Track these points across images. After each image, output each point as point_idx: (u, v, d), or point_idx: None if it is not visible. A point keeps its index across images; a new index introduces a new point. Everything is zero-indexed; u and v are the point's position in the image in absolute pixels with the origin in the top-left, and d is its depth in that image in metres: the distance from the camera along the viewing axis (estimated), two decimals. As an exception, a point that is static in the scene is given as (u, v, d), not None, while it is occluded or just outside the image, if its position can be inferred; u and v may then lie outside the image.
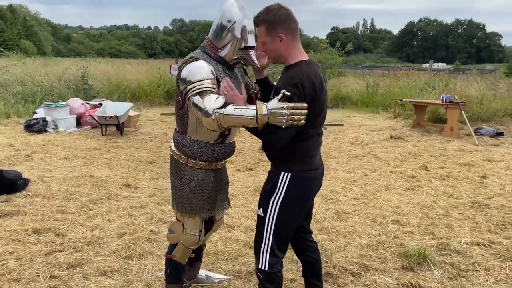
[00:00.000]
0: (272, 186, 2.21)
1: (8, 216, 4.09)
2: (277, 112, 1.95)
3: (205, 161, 2.40)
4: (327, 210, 4.43)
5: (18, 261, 3.23)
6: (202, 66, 2.20)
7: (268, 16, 2.15)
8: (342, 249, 3.53)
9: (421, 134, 8.99)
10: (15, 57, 17.73)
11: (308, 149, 2.22)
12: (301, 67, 2.14)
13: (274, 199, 2.20)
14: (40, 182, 5.13)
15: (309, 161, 2.24)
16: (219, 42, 2.34)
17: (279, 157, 2.22)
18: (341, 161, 6.56)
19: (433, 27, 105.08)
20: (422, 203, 4.68)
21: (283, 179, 2.18)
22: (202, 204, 2.46)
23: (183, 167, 2.42)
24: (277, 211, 2.20)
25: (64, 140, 7.72)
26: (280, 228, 2.22)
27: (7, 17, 57.58)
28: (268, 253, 2.23)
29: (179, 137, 2.41)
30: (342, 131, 9.34)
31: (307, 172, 2.23)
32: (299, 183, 2.20)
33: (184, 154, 2.40)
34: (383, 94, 13.50)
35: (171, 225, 2.59)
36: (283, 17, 2.15)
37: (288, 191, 2.18)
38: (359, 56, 78.22)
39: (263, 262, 2.23)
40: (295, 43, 2.20)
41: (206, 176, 2.43)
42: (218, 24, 2.34)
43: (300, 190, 2.22)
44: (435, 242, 3.68)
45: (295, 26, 2.19)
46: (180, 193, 2.45)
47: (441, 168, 6.19)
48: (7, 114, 9.78)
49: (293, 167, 2.19)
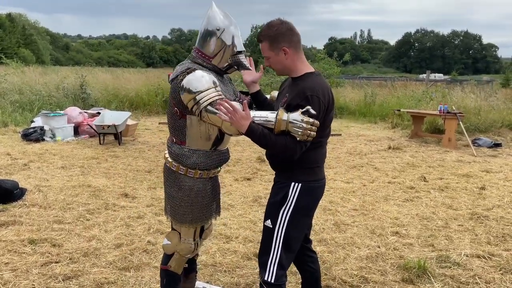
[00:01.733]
0: (283, 197, 2.21)
1: (4, 226, 4.04)
2: (296, 124, 2.04)
3: (204, 169, 2.41)
4: (325, 221, 4.40)
5: (14, 272, 3.19)
6: (203, 76, 2.20)
7: (270, 32, 2.20)
8: (342, 261, 3.50)
9: (419, 144, 9.00)
10: (14, 65, 17.72)
11: (317, 159, 2.27)
12: (313, 79, 2.19)
13: (284, 210, 2.21)
14: (37, 192, 5.09)
15: (318, 171, 2.28)
16: (210, 51, 2.34)
17: (288, 167, 2.23)
18: (339, 172, 6.55)
19: (429, 38, 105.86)
20: (421, 214, 4.66)
21: (293, 190, 2.20)
22: (200, 213, 2.46)
23: (182, 177, 2.41)
24: (286, 222, 2.21)
25: (62, 149, 7.69)
26: (290, 240, 2.23)
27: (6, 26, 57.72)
28: (276, 265, 2.22)
29: (177, 148, 2.40)
30: (340, 141, 9.34)
31: (316, 182, 2.27)
32: (309, 193, 2.23)
33: (184, 165, 2.39)
34: (380, 104, 13.54)
35: (167, 235, 2.57)
36: (285, 31, 2.19)
37: (298, 201, 2.20)
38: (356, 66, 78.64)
39: (270, 274, 2.22)
40: (299, 55, 2.23)
41: (204, 185, 2.44)
42: (206, 32, 2.34)
43: (309, 201, 2.25)
44: (435, 254, 3.65)
45: (297, 38, 2.23)
46: (179, 203, 2.44)
47: (439, 179, 6.19)
48: (4, 122, 9.74)
49: (303, 177, 2.22)
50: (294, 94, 2.16)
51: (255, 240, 3.86)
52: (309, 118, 2.05)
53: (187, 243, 2.50)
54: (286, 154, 2.12)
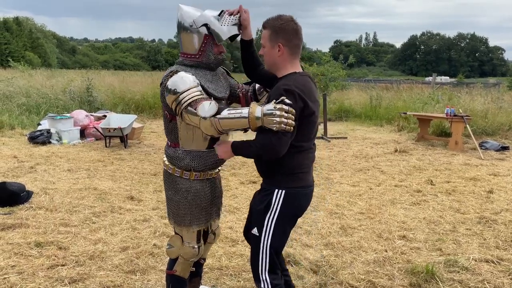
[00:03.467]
0: (266, 205, 2.21)
1: (11, 229, 4.05)
2: (270, 113, 2.01)
3: (200, 171, 2.40)
4: (332, 224, 4.37)
5: (20, 275, 3.19)
6: (184, 76, 2.22)
7: (275, 23, 2.18)
8: (348, 265, 3.48)
9: (426, 147, 8.94)
10: (22, 68, 17.85)
11: (301, 165, 2.22)
12: (293, 76, 2.18)
13: (269, 217, 2.20)
14: (43, 194, 5.11)
15: (302, 178, 2.24)
16: (193, 49, 2.34)
17: (271, 172, 2.22)
18: (345, 175, 6.52)
19: (435, 40, 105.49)
20: (428, 218, 4.63)
21: (277, 197, 2.19)
22: (200, 215, 2.45)
23: (179, 179, 2.42)
24: (272, 229, 2.21)
25: (68, 152, 7.72)
26: (276, 245, 2.23)
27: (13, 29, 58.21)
28: (267, 272, 2.23)
29: (172, 150, 2.42)
30: (346, 144, 9.31)
31: (301, 188, 2.24)
32: (293, 200, 2.20)
33: (178, 167, 2.40)
34: (386, 107, 13.49)
35: (170, 239, 2.56)
36: (290, 29, 2.17)
37: (283, 208, 2.19)
38: (362, 69, 78.52)
39: (265, 282, 2.23)
40: (292, 58, 2.21)
41: (202, 187, 2.43)
42: (183, 32, 2.34)
43: (293, 207, 2.23)
44: (443, 258, 3.62)
45: (297, 43, 2.21)
46: (177, 206, 2.44)
47: (446, 182, 6.14)
48: (11, 125, 9.80)
49: (286, 183, 2.19)
50: (272, 91, 2.17)
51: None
52: (283, 105, 2.01)
53: (190, 247, 2.49)
54: (270, 150, 2.08)
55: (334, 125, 12.41)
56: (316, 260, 3.52)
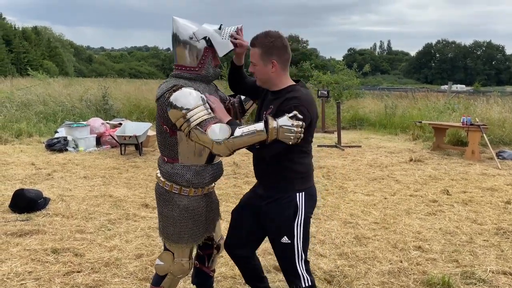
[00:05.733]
0: (294, 211, 2.28)
1: (28, 235, 4.12)
2: (287, 129, 2.09)
3: (199, 187, 2.36)
4: (346, 234, 4.34)
5: (37, 281, 3.23)
6: (191, 93, 2.19)
7: (266, 41, 2.25)
8: (363, 276, 3.44)
9: (441, 157, 8.84)
10: (40, 77, 18.21)
11: (310, 165, 2.40)
12: (299, 90, 2.27)
13: (298, 222, 2.29)
14: (60, 201, 5.18)
15: (311, 177, 2.42)
16: (192, 62, 2.32)
17: (288, 179, 2.30)
18: (359, 184, 6.47)
19: (451, 48, 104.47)
20: (444, 228, 4.56)
21: (300, 200, 2.30)
22: (197, 231, 2.42)
23: (177, 196, 2.36)
24: (302, 233, 2.32)
25: (84, 159, 7.83)
26: (307, 243, 2.37)
27: (32, 39, 59.53)
28: (305, 268, 2.35)
29: (169, 166, 2.35)
30: (360, 152, 9.25)
31: (313, 187, 2.42)
32: (311, 198, 2.37)
33: (177, 183, 2.34)
34: (401, 115, 13.38)
35: (160, 256, 2.51)
36: (280, 46, 2.27)
37: (306, 209, 2.32)
38: (376, 77, 78.10)
39: (305, 279, 2.34)
40: (285, 72, 2.32)
41: (198, 204, 2.40)
42: (181, 45, 2.32)
43: (312, 206, 2.40)
44: (460, 270, 3.56)
45: (288, 57, 2.31)
46: (174, 223, 2.38)
47: (463, 192, 6.05)
48: (29, 133, 9.99)
49: (304, 185, 2.33)
50: (280, 102, 2.23)
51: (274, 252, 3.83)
52: (298, 121, 2.11)
53: (180, 264, 2.45)
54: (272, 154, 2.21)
55: (348, 133, 12.35)
56: (330, 270, 3.50)
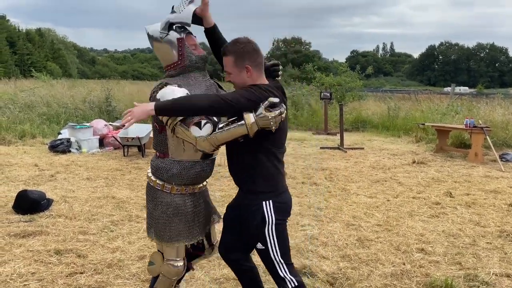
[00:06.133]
0: (262, 218, 2.29)
1: (31, 236, 4.13)
2: (264, 116, 2.13)
3: (181, 185, 2.37)
4: (349, 236, 4.34)
5: (40, 282, 3.24)
6: (174, 90, 2.24)
7: (236, 48, 2.26)
8: (365, 278, 3.44)
9: (444, 159, 8.82)
10: (44, 79, 18.28)
11: (278, 169, 2.35)
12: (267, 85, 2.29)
13: (268, 229, 2.29)
14: (63, 202, 5.20)
15: (281, 181, 2.38)
16: (173, 58, 2.37)
17: (254, 183, 2.30)
18: (362, 186, 6.46)
19: (454, 50, 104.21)
20: (447, 231, 4.55)
21: (267, 209, 2.29)
22: (180, 230, 2.39)
23: (159, 193, 2.38)
24: (275, 239, 2.31)
25: (87, 160, 7.85)
26: (284, 248, 2.34)
27: (35, 40, 59.78)
28: (287, 271, 2.34)
29: (159, 161, 2.39)
30: (362, 154, 9.24)
31: (283, 193, 2.36)
32: (281, 207, 2.33)
33: (161, 179, 2.37)
34: (404, 117, 13.36)
35: (151, 256, 2.52)
36: (251, 50, 2.28)
37: (275, 217, 2.29)
38: (379, 79, 78.00)
39: (290, 280, 2.33)
40: (260, 75, 2.32)
41: (183, 202, 2.39)
42: (157, 47, 2.40)
43: (284, 211, 2.37)
44: (463, 272, 3.55)
45: (261, 60, 2.32)
46: (157, 220, 2.40)
47: (466, 194, 6.03)
48: (32, 134, 10.03)
49: (272, 193, 2.31)
50: None
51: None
52: (274, 109, 2.14)
53: (171, 265, 2.43)
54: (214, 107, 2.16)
55: (350, 135, 12.34)
56: (333, 272, 3.49)
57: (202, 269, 3.51)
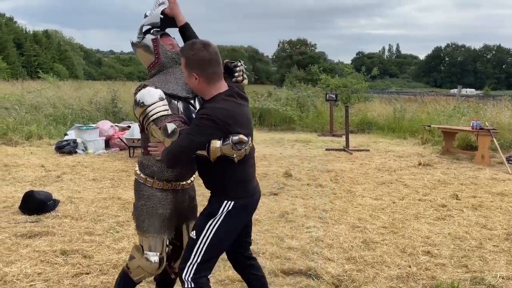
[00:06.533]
0: (211, 212, 2.26)
1: (38, 237, 4.16)
2: (230, 151, 2.15)
3: (163, 180, 2.44)
4: (354, 238, 4.32)
5: (46, 282, 3.26)
6: (151, 90, 2.33)
7: (188, 53, 2.21)
8: (371, 280, 3.43)
9: (451, 161, 8.77)
10: (51, 80, 18.39)
11: (245, 174, 2.31)
12: (215, 101, 2.21)
13: (211, 224, 2.24)
14: (69, 203, 5.22)
15: (248, 186, 2.31)
16: (152, 57, 2.49)
17: (221, 185, 2.28)
18: (368, 188, 6.44)
19: (460, 52, 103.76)
20: (453, 233, 4.52)
21: (224, 208, 2.24)
22: (158, 224, 2.47)
23: (142, 186, 2.49)
24: (211, 237, 2.25)
25: (93, 161, 7.88)
26: (210, 252, 2.26)
27: (42, 42, 60.22)
28: (192, 273, 2.26)
29: (143, 158, 2.51)
30: (368, 156, 9.21)
31: (247, 198, 2.31)
32: (239, 211, 2.27)
33: (144, 173, 2.48)
34: (410, 119, 13.31)
35: (132, 250, 2.60)
36: (201, 59, 2.17)
37: (227, 219, 2.24)
38: (385, 81, 77.82)
39: (188, 283, 2.27)
40: (212, 84, 2.23)
41: (164, 196, 2.46)
42: (139, 54, 2.54)
43: (238, 218, 2.29)
44: (469, 275, 3.52)
45: (213, 70, 2.21)
46: (138, 212, 2.52)
47: (472, 197, 6.00)
48: (39, 135, 10.09)
49: (234, 195, 2.26)
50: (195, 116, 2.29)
51: (282, 256, 3.83)
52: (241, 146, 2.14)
53: (147, 257, 2.49)
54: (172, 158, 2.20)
55: (356, 137, 12.30)
56: (338, 275, 3.48)
57: (207, 271, 3.51)
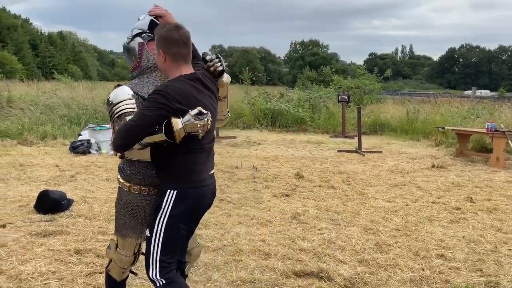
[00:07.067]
0: (157, 206, 2.23)
1: (52, 236, 4.21)
2: (193, 123, 2.12)
3: (139, 185, 2.44)
4: (366, 241, 4.29)
5: (60, 281, 3.30)
6: (120, 89, 2.39)
7: (159, 31, 2.24)
8: (384, 283, 3.40)
9: (465, 163, 8.66)
10: (66, 81, 18.62)
11: (192, 164, 2.22)
12: (174, 79, 2.21)
13: (160, 218, 2.21)
14: (82, 203, 5.28)
15: (194, 176, 2.24)
16: (135, 60, 2.49)
17: (165, 172, 2.24)
18: (380, 190, 6.40)
19: (475, 53, 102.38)
20: (468, 237, 4.46)
21: (168, 197, 2.19)
22: (130, 227, 2.48)
23: (121, 190, 2.51)
24: (163, 229, 2.21)
25: (106, 161, 7.96)
26: (167, 246, 2.23)
27: (57, 43, 61.05)
28: (157, 273, 2.24)
29: (120, 162, 2.53)
30: (381, 158, 9.14)
31: (193, 188, 2.23)
32: (184, 200, 2.20)
33: (122, 178, 2.49)
34: (423, 121, 13.17)
35: (110, 241, 2.64)
36: (169, 38, 2.19)
37: (174, 209, 2.19)
38: (397, 82, 77.17)
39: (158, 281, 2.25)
40: (177, 65, 2.23)
41: (143, 201, 2.45)
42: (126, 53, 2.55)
43: (185, 207, 2.22)
44: (484, 279, 3.48)
45: (176, 51, 2.21)
46: (117, 215, 2.54)
47: (487, 200, 5.91)
48: (54, 135, 10.23)
49: (178, 183, 2.20)
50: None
51: (294, 258, 3.82)
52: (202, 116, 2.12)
53: (121, 255, 2.54)
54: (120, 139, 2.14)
55: (368, 138, 12.22)
56: (350, 277, 3.46)
57: (219, 271, 3.52)
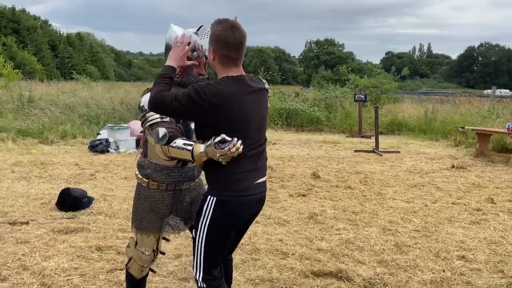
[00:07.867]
0: (199, 209, 2.26)
1: (74, 233, 4.29)
2: (213, 151, 2.05)
3: (158, 182, 2.49)
4: (385, 241, 4.26)
5: (82, 277, 3.36)
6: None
7: (214, 28, 2.18)
8: (404, 284, 3.37)
9: (485, 164, 8.51)
10: (84, 81, 18.92)
11: (232, 172, 2.14)
12: (219, 80, 2.18)
13: (202, 222, 2.23)
14: (102, 201, 5.36)
15: (235, 185, 2.16)
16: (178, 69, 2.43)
17: (209, 177, 2.25)
18: (398, 190, 6.33)
19: (494, 52, 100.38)
20: (489, 238, 4.39)
21: (208, 203, 2.20)
22: (151, 223, 2.53)
23: (139, 186, 2.57)
24: (205, 234, 2.23)
25: (125, 160, 8.06)
26: (209, 250, 2.24)
27: (75, 44, 62.00)
28: (201, 273, 2.27)
29: (141, 159, 2.57)
30: (399, 158, 9.05)
31: (233, 197, 2.17)
32: (225, 208, 2.18)
33: (141, 174, 2.54)
34: (442, 120, 12.99)
35: (130, 239, 2.68)
36: (221, 39, 2.14)
37: (214, 216, 2.19)
38: (415, 81, 76.16)
39: (200, 283, 2.28)
40: (225, 67, 2.19)
41: (161, 196, 2.51)
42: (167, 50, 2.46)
43: (226, 217, 2.20)
44: (505, 281, 3.42)
45: (226, 54, 2.15)
46: (136, 211, 2.58)
47: (509, 201, 5.81)
48: (73, 134, 10.39)
49: (218, 191, 2.20)
50: None
51: (312, 258, 3.82)
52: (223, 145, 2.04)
53: (141, 252, 2.58)
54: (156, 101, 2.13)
55: (386, 138, 12.11)
56: (370, 278, 3.44)
57: (237, 270, 3.53)
